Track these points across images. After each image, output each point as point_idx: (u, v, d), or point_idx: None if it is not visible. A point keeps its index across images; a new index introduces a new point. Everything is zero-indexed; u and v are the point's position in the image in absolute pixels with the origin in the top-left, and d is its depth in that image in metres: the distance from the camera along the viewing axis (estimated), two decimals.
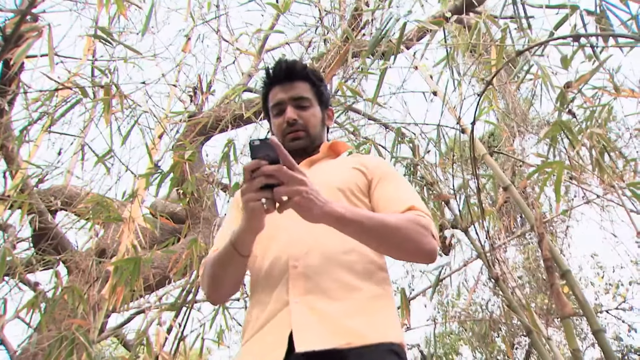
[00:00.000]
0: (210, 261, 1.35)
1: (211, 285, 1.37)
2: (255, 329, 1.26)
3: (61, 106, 3.13)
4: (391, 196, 1.40)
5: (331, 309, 1.20)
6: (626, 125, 4.35)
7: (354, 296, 1.24)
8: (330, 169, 1.51)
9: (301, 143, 1.56)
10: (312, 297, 1.22)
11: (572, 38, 2.05)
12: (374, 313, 1.24)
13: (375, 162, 1.53)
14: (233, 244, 1.25)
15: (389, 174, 1.48)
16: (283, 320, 1.20)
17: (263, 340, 1.22)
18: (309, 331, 1.16)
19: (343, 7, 4.24)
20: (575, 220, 6.22)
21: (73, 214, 3.98)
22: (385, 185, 1.44)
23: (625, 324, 7.85)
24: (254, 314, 1.30)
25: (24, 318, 3.28)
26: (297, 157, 1.57)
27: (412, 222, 1.27)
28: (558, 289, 1.80)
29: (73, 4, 3.48)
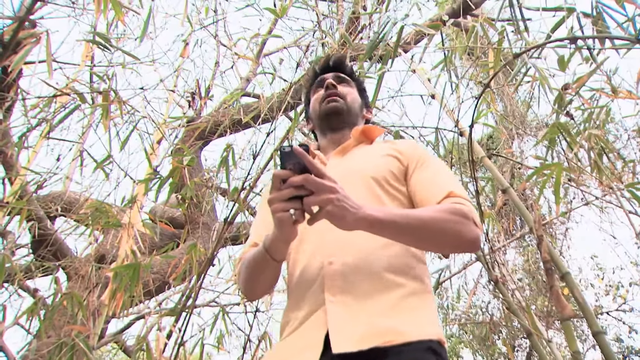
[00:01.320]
0: (246, 262, 1.33)
1: (247, 286, 1.37)
2: (291, 329, 1.24)
3: (60, 112, 3.14)
4: (429, 182, 1.37)
5: (368, 308, 1.17)
6: (624, 126, 4.36)
7: (393, 293, 1.20)
8: (363, 156, 1.49)
9: (338, 105, 1.60)
10: (349, 296, 1.19)
11: (569, 40, 2.06)
12: (413, 309, 1.21)
13: (410, 146, 1.50)
14: (267, 250, 1.23)
15: (425, 159, 1.45)
16: (319, 320, 1.18)
17: (298, 341, 1.20)
18: (345, 332, 1.13)
19: (340, 11, 4.25)
20: (574, 222, 6.23)
21: (72, 220, 3.98)
22: (422, 171, 1.41)
23: (626, 325, 7.85)
24: (292, 315, 1.28)
25: (24, 325, 3.27)
26: (333, 127, 1.61)
27: (450, 213, 1.23)
28: (558, 291, 1.80)
29: (71, 10, 3.48)
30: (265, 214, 1.47)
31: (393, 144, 1.54)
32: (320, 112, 1.63)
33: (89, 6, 3.55)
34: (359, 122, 1.67)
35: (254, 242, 1.42)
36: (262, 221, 1.48)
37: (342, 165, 1.43)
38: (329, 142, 1.62)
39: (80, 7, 3.49)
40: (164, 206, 4.89)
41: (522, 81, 2.65)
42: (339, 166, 1.43)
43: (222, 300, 4.80)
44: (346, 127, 1.62)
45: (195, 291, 3.04)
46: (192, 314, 2.95)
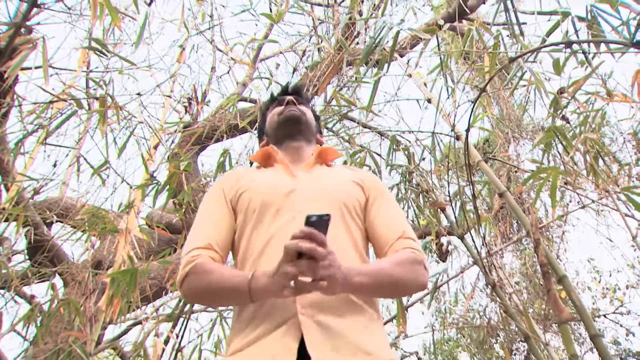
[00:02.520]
0: (206, 281, 1.29)
1: (202, 300, 1.41)
2: (257, 335, 1.23)
3: (56, 118, 3.13)
4: (386, 220, 1.48)
5: (340, 326, 1.23)
6: (619, 129, 4.37)
7: (359, 315, 1.28)
8: (331, 178, 1.55)
9: (297, 114, 1.66)
10: (321, 312, 1.23)
11: (564, 44, 2.07)
12: (377, 333, 1.30)
13: (372, 179, 1.60)
14: (250, 292, 1.22)
15: (383, 194, 1.55)
16: (291, 331, 1.20)
17: (269, 348, 1.20)
18: (323, 346, 1.18)
19: (336, 17, 4.26)
20: (571, 226, 6.24)
21: (69, 226, 3.97)
22: (380, 206, 1.51)
23: (623, 328, 7.86)
24: (251, 319, 1.27)
25: (20, 331, 3.26)
26: (290, 135, 1.66)
27: (410, 265, 1.35)
28: (555, 295, 1.80)
29: (67, 16, 3.48)
30: (219, 213, 1.47)
31: (356, 172, 1.64)
32: (280, 119, 1.68)
33: (85, 12, 3.55)
34: (313, 142, 1.72)
35: (209, 243, 1.38)
36: (214, 221, 1.46)
37: (312, 183, 1.46)
38: (285, 153, 1.64)
39: (76, 13, 3.49)
40: (161, 212, 4.89)
41: (518, 85, 2.66)
42: (308, 183, 1.46)
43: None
44: (303, 139, 1.67)
45: None
46: (189, 320, 2.95)
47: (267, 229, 1.35)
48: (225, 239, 1.43)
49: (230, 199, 1.49)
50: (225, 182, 1.56)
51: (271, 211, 1.38)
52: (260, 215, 1.39)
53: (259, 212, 1.40)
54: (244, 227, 1.42)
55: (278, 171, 1.57)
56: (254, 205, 1.42)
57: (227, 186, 1.53)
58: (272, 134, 1.71)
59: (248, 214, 1.42)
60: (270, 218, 1.37)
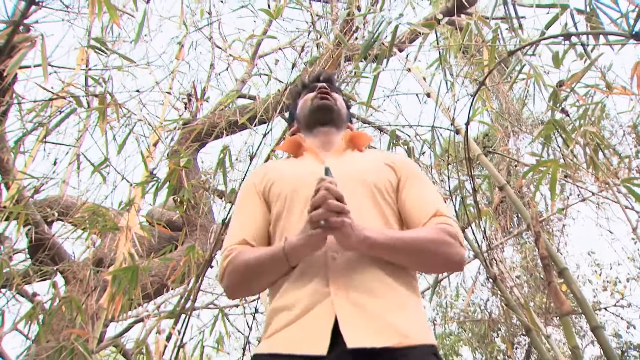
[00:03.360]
0: (249, 262, 1.32)
1: (245, 287, 1.36)
2: (291, 318, 1.22)
3: (55, 116, 3.13)
4: (419, 198, 1.44)
5: (374, 306, 1.20)
6: (619, 122, 4.37)
7: (393, 295, 1.25)
8: (362, 163, 1.55)
9: (329, 103, 1.67)
10: (354, 292, 1.22)
11: (563, 37, 2.07)
12: (413, 313, 1.25)
13: (404, 160, 1.59)
14: (287, 255, 1.25)
15: (416, 175, 1.52)
16: (325, 312, 1.19)
17: (302, 330, 1.19)
18: (358, 327, 1.15)
19: (335, 12, 4.26)
20: (571, 219, 6.25)
21: (69, 224, 3.97)
22: (413, 186, 1.48)
23: (624, 320, 7.87)
24: (287, 301, 1.26)
25: (22, 330, 3.26)
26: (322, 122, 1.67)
27: (440, 235, 1.31)
28: (556, 287, 1.80)
29: (65, 14, 3.48)
30: (251, 208, 1.48)
31: (387, 155, 1.62)
32: (312, 107, 1.68)
33: (83, 10, 3.54)
34: (343, 129, 1.72)
35: (243, 239, 1.39)
36: (248, 216, 1.47)
37: (341, 168, 1.44)
38: (316, 140, 1.65)
39: (74, 11, 3.49)
40: (162, 209, 4.89)
41: (517, 78, 2.66)
42: (338, 168, 1.43)
43: (221, 302, 4.80)
44: (334, 126, 1.68)
45: (194, 293, 3.04)
46: (191, 316, 2.95)
47: (299, 216, 1.35)
48: (260, 231, 1.44)
49: (261, 192, 1.50)
50: (254, 177, 1.57)
51: (302, 199, 1.37)
52: (292, 204, 1.40)
53: (290, 201, 1.41)
54: (277, 217, 1.42)
55: (307, 159, 1.58)
56: (284, 194, 1.42)
57: (257, 180, 1.54)
58: (303, 120, 1.72)
59: (280, 203, 1.42)
60: (302, 206, 1.36)
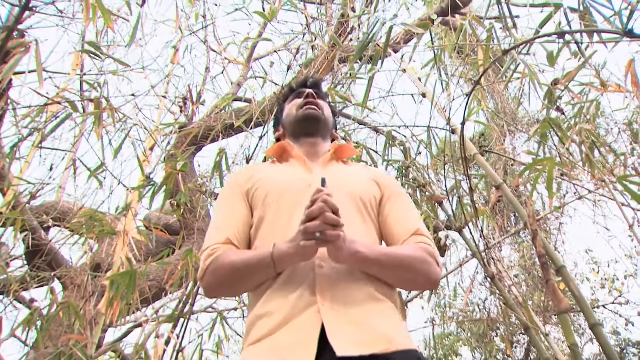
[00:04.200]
0: (229, 265, 1.31)
1: (225, 286, 1.35)
2: (276, 325, 1.22)
3: (51, 121, 3.13)
4: (400, 216, 1.48)
5: (359, 314, 1.22)
6: (614, 120, 4.38)
7: (377, 304, 1.28)
8: (348, 175, 1.57)
9: (316, 113, 1.67)
10: (339, 300, 1.23)
11: (557, 35, 2.07)
12: (395, 321, 1.29)
13: (387, 178, 1.62)
14: (274, 261, 1.26)
15: (399, 193, 1.56)
16: (311, 320, 1.19)
17: (287, 339, 1.19)
18: (345, 335, 1.17)
19: (329, 13, 4.26)
20: (568, 217, 6.26)
21: (66, 229, 3.96)
22: (395, 204, 1.52)
23: (623, 317, 7.89)
24: (271, 308, 1.26)
25: (20, 336, 3.25)
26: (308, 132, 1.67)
27: (422, 253, 1.35)
28: (553, 285, 1.80)
29: (59, 19, 3.47)
30: (235, 208, 1.48)
31: (372, 170, 1.66)
32: (298, 116, 1.68)
33: (77, 15, 3.54)
34: (329, 138, 1.74)
35: (227, 238, 1.38)
36: (232, 215, 1.46)
37: (330, 175, 1.43)
38: (301, 149, 1.65)
39: (68, 16, 3.48)
40: (159, 213, 4.88)
41: (512, 77, 2.67)
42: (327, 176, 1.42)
43: (219, 305, 4.79)
44: (319, 136, 1.68)
45: (192, 297, 3.03)
46: (189, 320, 2.95)
47: (285, 222, 1.35)
48: (243, 232, 1.43)
49: (245, 193, 1.50)
50: (240, 177, 1.57)
51: (289, 205, 1.38)
52: (278, 209, 1.40)
53: (276, 206, 1.41)
54: (261, 221, 1.42)
55: (294, 166, 1.58)
56: (271, 199, 1.42)
57: (242, 180, 1.54)
58: (289, 127, 1.72)
59: (265, 207, 1.42)
60: (288, 212, 1.37)
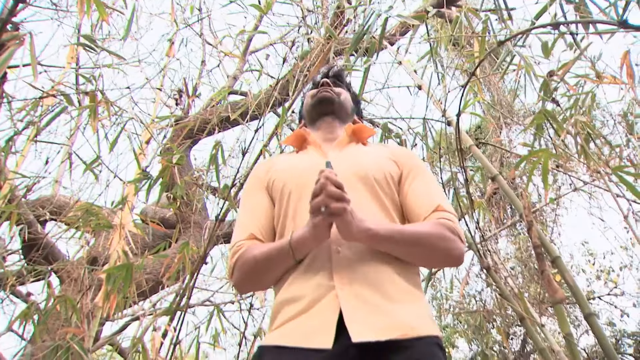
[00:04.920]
0: (256, 257, 1.33)
1: (254, 282, 1.37)
2: (296, 311, 1.23)
3: (46, 115, 3.12)
4: (421, 193, 1.45)
5: (378, 299, 1.21)
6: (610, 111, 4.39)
7: (397, 288, 1.26)
8: (364, 156, 1.55)
9: (329, 95, 1.69)
10: (357, 285, 1.23)
11: (552, 26, 2.07)
12: (417, 305, 1.27)
13: (407, 154, 1.60)
14: (293, 248, 1.27)
15: (419, 169, 1.53)
16: (329, 305, 1.20)
17: (308, 323, 1.20)
18: (362, 321, 1.17)
19: (325, 6, 4.25)
20: (564, 209, 6.28)
21: (63, 223, 3.96)
22: (415, 180, 1.49)
23: (618, 309, 7.93)
24: (292, 294, 1.27)
25: (17, 330, 3.26)
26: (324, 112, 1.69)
27: (441, 230, 1.32)
28: (549, 275, 1.81)
29: (54, 12, 3.46)
30: (257, 202, 1.49)
31: (390, 149, 1.62)
32: (313, 100, 1.71)
33: (71, 8, 3.52)
34: (348, 122, 1.73)
35: (251, 234, 1.40)
36: (255, 210, 1.48)
37: (344, 161, 1.45)
38: (320, 132, 1.67)
39: (63, 9, 3.47)
40: (155, 207, 4.88)
41: (508, 70, 2.67)
42: (340, 161, 1.44)
43: (217, 298, 4.81)
44: (337, 118, 1.69)
45: (189, 290, 3.04)
46: (186, 313, 2.95)
47: (303, 211, 1.34)
48: (268, 225, 1.45)
49: (265, 186, 1.51)
50: (258, 171, 1.59)
51: (305, 193, 1.36)
52: (296, 199, 1.41)
53: (293, 196, 1.42)
54: (281, 211, 1.43)
55: (310, 153, 1.59)
56: (288, 189, 1.43)
57: (261, 173, 1.56)
58: (307, 115, 1.75)
59: (283, 198, 1.43)
60: (305, 200, 1.35)
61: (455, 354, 8.29)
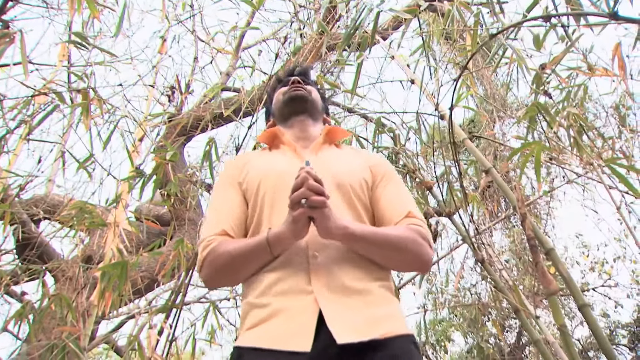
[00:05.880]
0: (226, 254, 1.32)
1: (224, 275, 1.36)
2: (271, 312, 1.24)
3: (38, 113, 3.10)
4: (393, 198, 1.48)
5: (355, 302, 1.24)
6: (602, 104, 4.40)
7: (372, 291, 1.29)
8: (339, 160, 1.57)
9: (302, 93, 1.68)
10: (335, 289, 1.25)
11: (544, 19, 2.08)
12: (392, 307, 1.30)
13: (379, 162, 1.62)
14: (270, 244, 1.27)
15: (391, 176, 1.57)
16: (308, 308, 1.21)
17: (285, 327, 1.20)
18: (343, 323, 1.18)
19: (317, 1, 4.24)
20: (557, 201, 6.30)
21: (57, 222, 3.94)
22: (387, 186, 1.52)
23: (612, 300, 7.98)
24: (266, 298, 1.27)
25: (12, 330, 3.24)
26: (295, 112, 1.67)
27: (412, 234, 1.36)
28: (543, 267, 1.82)
29: (44, 10, 3.44)
30: (229, 199, 1.48)
31: (363, 155, 1.66)
32: (285, 98, 1.69)
33: (62, 5, 3.50)
34: (320, 120, 1.74)
35: (223, 229, 1.39)
36: (227, 207, 1.47)
37: (320, 166, 1.43)
38: (292, 131, 1.66)
39: (54, 6, 3.44)
40: (149, 204, 4.87)
41: (500, 63, 2.67)
42: (316, 167, 1.42)
43: (212, 295, 4.81)
44: (309, 117, 1.69)
45: (184, 287, 3.04)
46: (182, 310, 2.95)
47: (279, 213, 1.34)
48: (239, 222, 1.44)
49: (238, 183, 1.51)
50: (232, 167, 1.58)
51: (281, 195, 1.37)
52: (271, 200, 1.41)
53: (269, 197, 1.41)
54: (255, 210, 1.43)
55: (285, 154, 1.58)
56: (263, 189, 1.43)
57: (234, 170, 1.55)
58: (278, 114, 1.73)
59: (258, 198, 1.43)
60: (280, 202, 1.36)
61: (451, 347, 8.33)
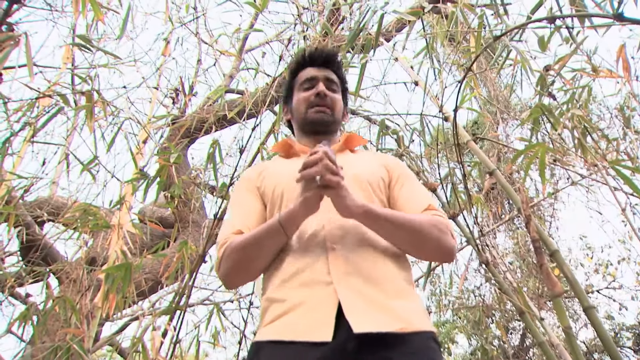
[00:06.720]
0: (241, 243, 1.33)
1: (242, 269, 1.36)
2: (291, 306, 1.23)
3: (43, 115, 3.10)
4: (411, 195, 1.49)
5: (374, 293, 1.23)
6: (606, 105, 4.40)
7: (392, 283, 1.28)
8: (356, 162, 1.57)
9: (325, 117, 1.64)
10: (354, 280, 1.24)
11: (548, 20, 2.07)
12: (412, 300, 1.29)
13: (395, 161, 1.63)
14: (281, 223, 1.27)
15: (408, 175, 1.58)
16: (327, 299, 1.21)
17: (305, 318, 1.20)
18: (362, 313, 1.18)
19: (321, 2, 4.24)
20: (562, 203, 6.30)
21: (61, 224, 3.95)
22: (405, 184, 1.53)
23: (616, 302, 7.95)
24: (285, 292, 1.27)
25: (17, 332, 3.25)
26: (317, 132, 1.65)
27: (433, 222, 1.35)
28: (547, 269, 1.82)
29: (49, 12, 3.45)
30: (247, 203, 1.49)
31: (379, 156, 1.67)
32: (307, 118, 1.65)
33: (66, 8, 3.51)
34: (339, 130, 1.75)
35: (239, 230, 1.39)
36: (244, 210, 1.47)
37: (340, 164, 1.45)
38: (308, 142, 1.65)
39: (58, 9, 3.45)
40: (153, 206, 4.88)
41: (504, 65, 2.67)
42: None
43: (216, 297, 4.81)
44: (329, 134, 1.67)
45: (188, 289, 3.04)
46: (186, 312, 2.95)
47: None
48: (257, 223, 1.43)
49: (257, 187, 1.52)
50: (251, 173, 1.59)
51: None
52: (287, 200, 1.41)
53: (285, 197, 1.42)
54: (272, 212, 1.44)
55: (302, 158, 1.56)
56: (280, 190, 1.44)
57: (253, 176, 1.56)
58: (298, 123, 1.70)
59: (276, 200, 1.44)
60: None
61: (454, 349, 8.32)
